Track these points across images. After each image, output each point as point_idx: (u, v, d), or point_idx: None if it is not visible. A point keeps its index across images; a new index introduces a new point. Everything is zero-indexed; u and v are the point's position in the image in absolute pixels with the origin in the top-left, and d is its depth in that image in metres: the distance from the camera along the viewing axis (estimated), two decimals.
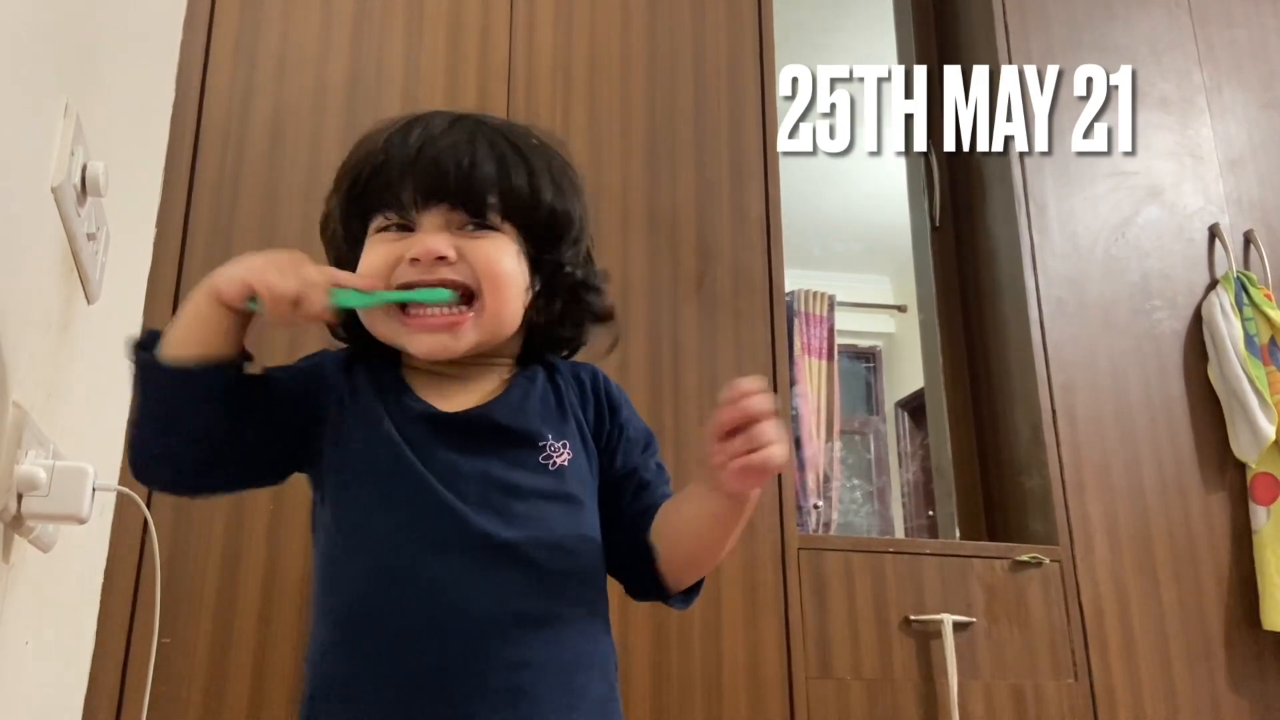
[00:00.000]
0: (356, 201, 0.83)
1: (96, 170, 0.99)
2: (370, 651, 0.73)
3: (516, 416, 0.82)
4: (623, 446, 0.87)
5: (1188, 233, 2.12)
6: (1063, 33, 2.16)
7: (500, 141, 0.82)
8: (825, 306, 3.18)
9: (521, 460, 0.80)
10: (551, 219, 0.83)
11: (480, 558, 0.75)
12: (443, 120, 0.83)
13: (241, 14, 1.66)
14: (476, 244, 0.80)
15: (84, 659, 1.32)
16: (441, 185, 0.79)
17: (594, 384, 0.89)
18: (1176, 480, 1.92)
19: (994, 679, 1.69)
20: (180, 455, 0.77)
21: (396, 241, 0.81)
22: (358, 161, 0.84)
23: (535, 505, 0.78)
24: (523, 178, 0.81)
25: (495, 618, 0.73)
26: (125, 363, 1.42)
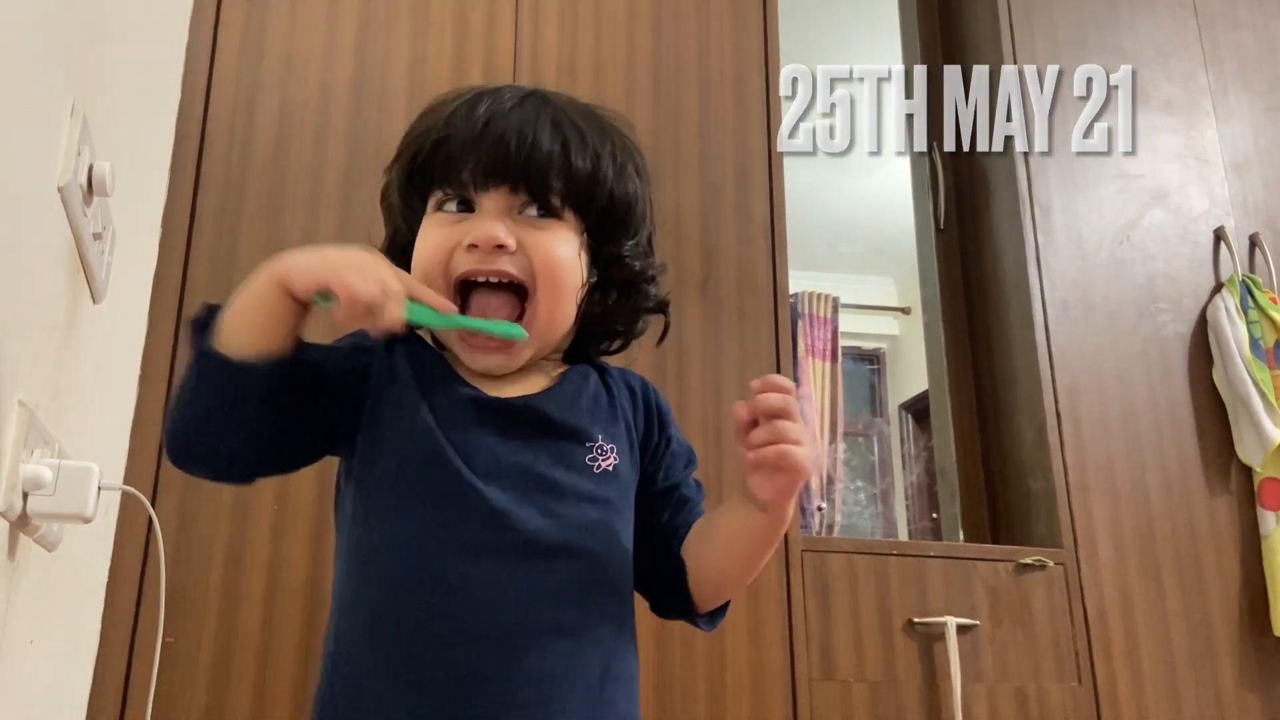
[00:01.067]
0: (417, 175, 0.81)
1: (103, 170, 0.99)
2: (395, 652, 0.70)
3: (568, 411, 0.79)
4: (667, 460, 0.85)
5: (1193, 235, 2.12)
6: (1067, 34, 2.16)
7: (566, 122, 0.79)
8: (829, 308, 3.18)
9: (568, 458, 0.77)
10: (612, 206, 0.81)
11: (515, 559, 0.72)
12: (512, 96, 0.80)
13: (247, 15, 1.67)
14: (537, 235, 0.77)
15: (88, 658, 1.33)
16: (504, 165, 0.77)
17: (645, 393, 0.87)
18: (1181, 483, 1.92)
19: (997, 682, 1.69)
20: (229, 449, 0.74)
21: (455, 225, 0.78)
22: (420, 133, 0.80)
23: (576, 507, 0.76)
24: (587, 161, 0.78)
25: (525, 625, 0.71)
26: (132, 363, 1.42)
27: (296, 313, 0.71)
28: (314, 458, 0.80)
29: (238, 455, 0.74)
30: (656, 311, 0.89)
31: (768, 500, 0.74)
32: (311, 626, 1.40)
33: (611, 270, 0.83)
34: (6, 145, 0.80)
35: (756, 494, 0.74)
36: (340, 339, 0.81)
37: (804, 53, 2.06)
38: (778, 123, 1.88)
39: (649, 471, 0.84)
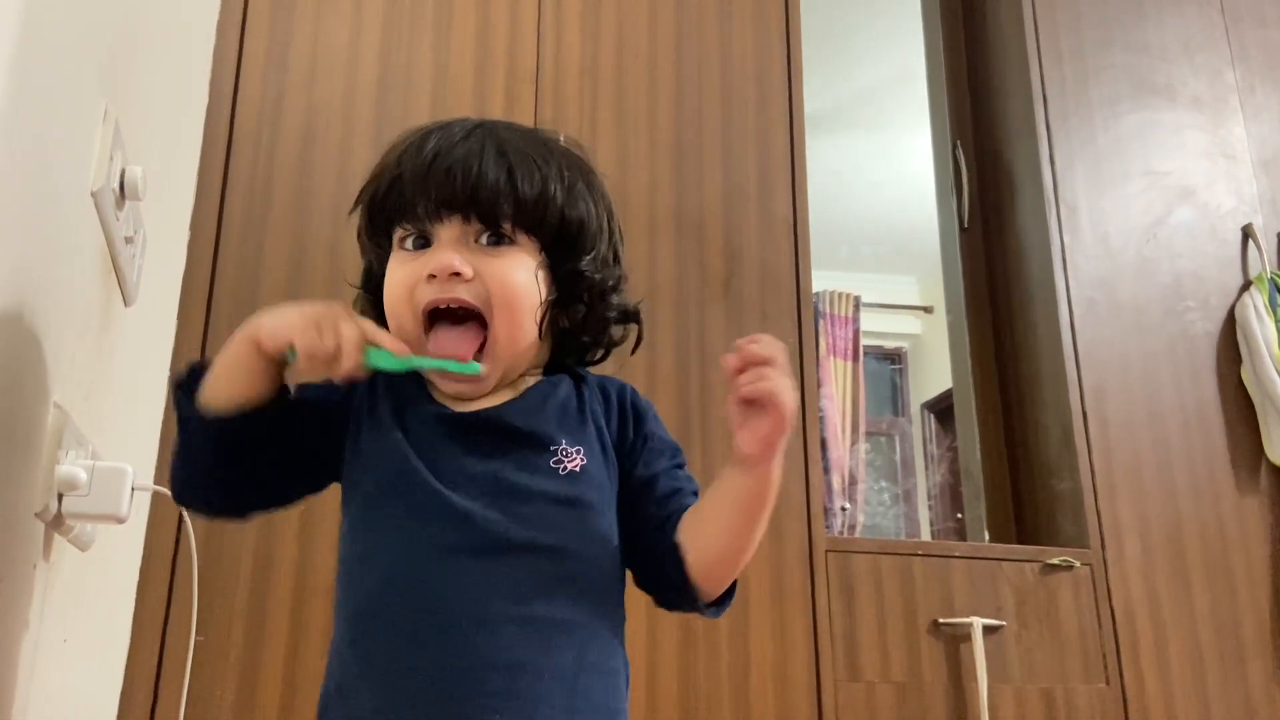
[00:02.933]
0: (377, 214, 0.85)
1: (135, 174, 1.00)
2: (375, 651, 0.74)
3: (529, 419, 0.82)
4: (644, 456, 0.87)
5: (1220, 233, 2.10)
6: (1093, 32, 2.14)
7: (511, 150, 0.82)
8: (851, 307, 3.17)
9: (531, 463, 0.80)
10: (564, 225, 0.83)
11: (484, 559, 0.75)
12: (459, 130, 0.83)
13: (273, 19, 1.68)
14: (492, 262, 0.80)
15: (119, 656, 1.34)
16: (453, 196, 0.80)
17: (620, 396, 0.89)
18: (1209, 483, 1.90)
19: (1024, 683, 1.68)
20: (226, 491, 0.81)
21: (416, 259, 0.81)
22: (377, 174, 0.85)
23: (543, 509, 0.78)
24: (534, 185, 0.81)
25: (490, 618, 0.73)
26: (162, 364, 1.44)
27: (272, 367, 0.78)
28: (309, 490, 0.86)
29: (229, 492, 0.81)
30: (624, 320, 0.91)
31: (754, 453, 0.75)
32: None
33: (572, 285, 0.85)
34: (42, 150, 0.81)
35: (743, 448, 0.76)
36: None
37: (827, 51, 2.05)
38: (800, 122, 1.88)
39: (627, 469, 0.86)
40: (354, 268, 1.63)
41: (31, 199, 0.80)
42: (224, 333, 1.51)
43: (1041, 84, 2.07)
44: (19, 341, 0.79)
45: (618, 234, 0.91)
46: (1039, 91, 2.06)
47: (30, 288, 0.81)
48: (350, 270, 1.60)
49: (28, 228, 0.79)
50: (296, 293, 1.55)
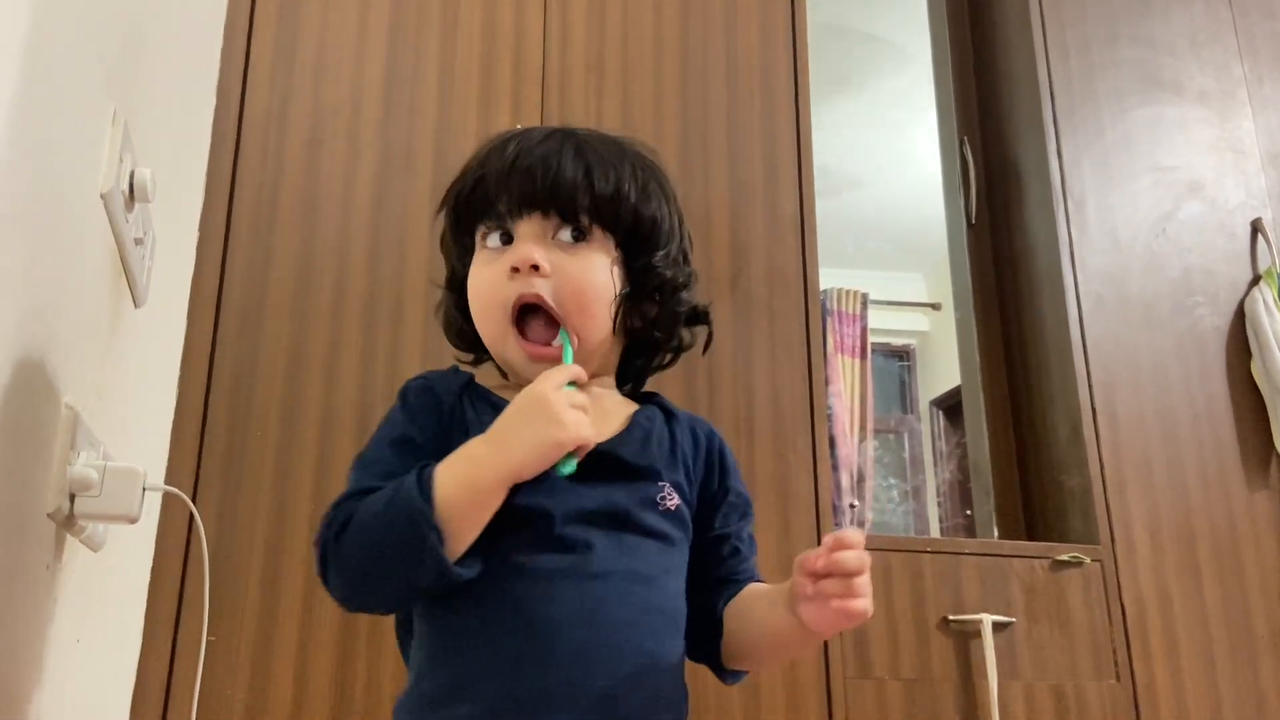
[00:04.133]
0: (463, 213, 0.88)
1: (144, 176, 1.00)
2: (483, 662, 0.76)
3: (640, 454, 0.85)
4: (724, 509, 0.90)
5: (1229, 228, 2.09)
6: (1100, 26, 2.14)
7: (588, 150, 0.86)
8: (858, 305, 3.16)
9: (640, 495, 0.83)
10: (638, 222, 0.87)
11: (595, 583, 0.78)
12: (539, 133, 0.87)
13: (279, 21, 1.69)
14: (569, 260, 0.84)
15: (131, 656, 1.35)
16: (533, 192, 0.83)
17: (709, 440, 0.92)
18: (1219, 478, 1.90)
19: (1034, 679, 1.68)
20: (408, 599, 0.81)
21: (499, 258, 0.84)
22: (461, 176, 0.89)
23: (645, 541, 0.82)
24: (610, 182, 0.85)
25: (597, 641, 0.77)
26: (172, 365, 1.44)
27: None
28: None
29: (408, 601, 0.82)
30: (695, 321, 0.94)
31: (821, 632, 0.79)
32: (350, 626, 1.41)
33: (645, 281, 0.88)
34: (51, 153, 0.82)
35: (809, 624, 0.77)
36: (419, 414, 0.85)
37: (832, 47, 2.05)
38: (806, 118, 1.88)
39: (704, 518, 0.88)
40: (360, 266, 1.63)
41: (41, 201, 0.80)
42: (233, 333, 1.52)
43: (1049, 79, 2.06)
44: (30, 342, 0.80)
45: (687, 237, 0.94)
46: (1046, 86, 2.06)
47: (41, 289, 0.81)
48: (355, 271, 1.61)
49: (38, 230, 0.80)
50: (305, 293, 1.55)
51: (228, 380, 1.48)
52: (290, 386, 1.50)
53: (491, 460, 0.76)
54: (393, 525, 0.74)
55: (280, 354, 1.52)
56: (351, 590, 0.78)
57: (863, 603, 0.74)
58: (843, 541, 0.74)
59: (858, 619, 0.75)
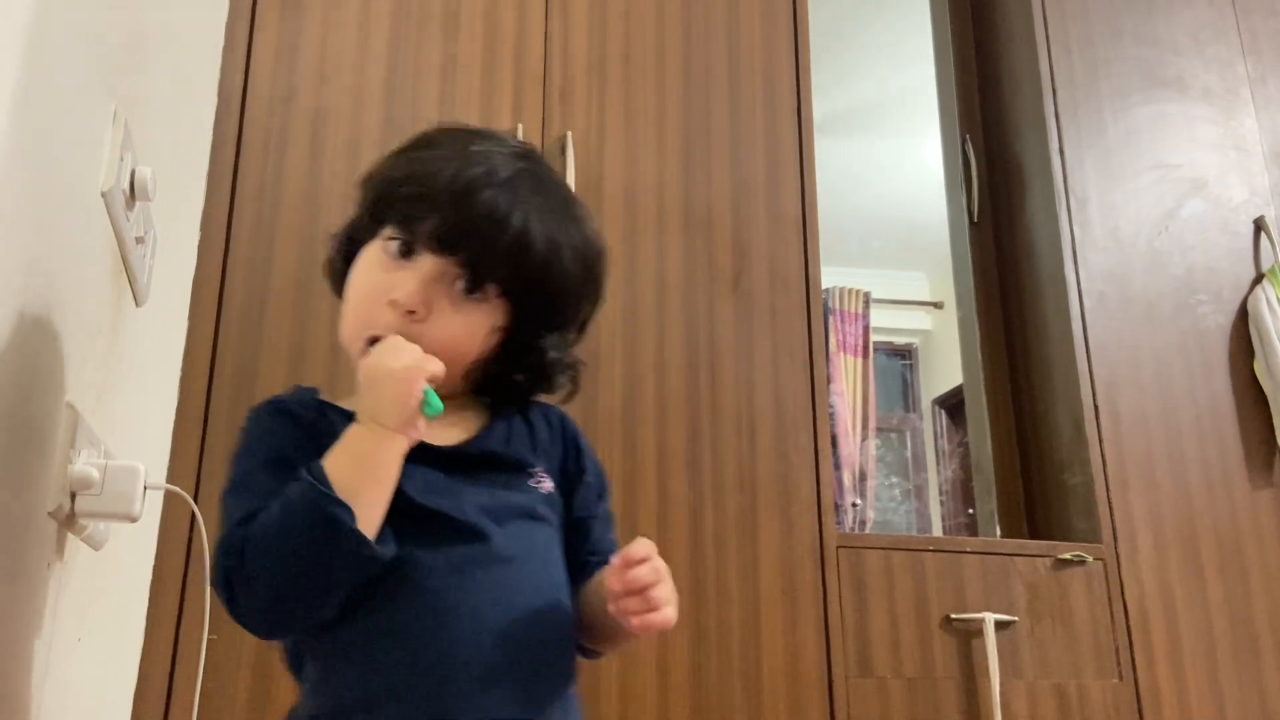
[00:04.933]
0: (385, 205, 0.83)
1: (145, 175, 1.00)
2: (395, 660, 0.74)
3: (507, 446, 0.85)
4: (582, 490, 0.89)
5: (1232, 226, 2.09)
6: (1102, 24, 2.13)
7: (539, 220, 0.80)
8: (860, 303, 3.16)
9: (516, 484, 0.83)
10: (547, 305, 0.83)
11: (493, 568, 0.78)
12: (504, 168, 0.80)
13: (281, 20, 1.69)
14: (451, 317, 0.79)
15: (133, 655, 1.35)
16: (462, 241, 0.78)
17: (562, 424, 0.91)
18: (1222, 477, 1.89)
19: (1037, 678, 1.68)
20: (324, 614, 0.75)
21: (391, 271, 0.80)
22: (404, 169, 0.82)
23: (529, 526, 0.82)
24: (540, 260, 0.80)
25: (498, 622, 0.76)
26: (173, 364, 1.44)
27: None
28: None
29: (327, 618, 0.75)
30: (565, 399, 0.90)
31: (639, 636, 0.79)
32: None
33: (524, 355, 0.84)
34: (52, 151, 0.82)
35: (629, 627, 0.78)
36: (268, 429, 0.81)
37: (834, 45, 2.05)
38: (809, 118, 1.87)
39: (567, 499, 0.88)
40: None
41: (42, 200, 0.80)
42: (234, 332, 1.52)
43: (1051, 77, 2.06)
44: (31, 341, 0.80)
45: (594, 315, 0.90)
46: (1048, 84, 2.06)
47: (42, 288, 0.81)
48: None
49: (39, 228, 0.80)
50: (306, 292, 1.55)
51: (229, 378, 1.48)
52: (291, 385, 1.50)
53: (368, 432, 0.74)
54: (298, 522, 0.71)
55: (281, 352, 1.52)
56: (269, 607, 0.73)
57: (660, 615, 0.75)
58: (630, 559, 0.74)
59: (660, 629, 0.76)
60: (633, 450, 1.63)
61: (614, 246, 1.73)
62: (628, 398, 1.66)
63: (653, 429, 1.65)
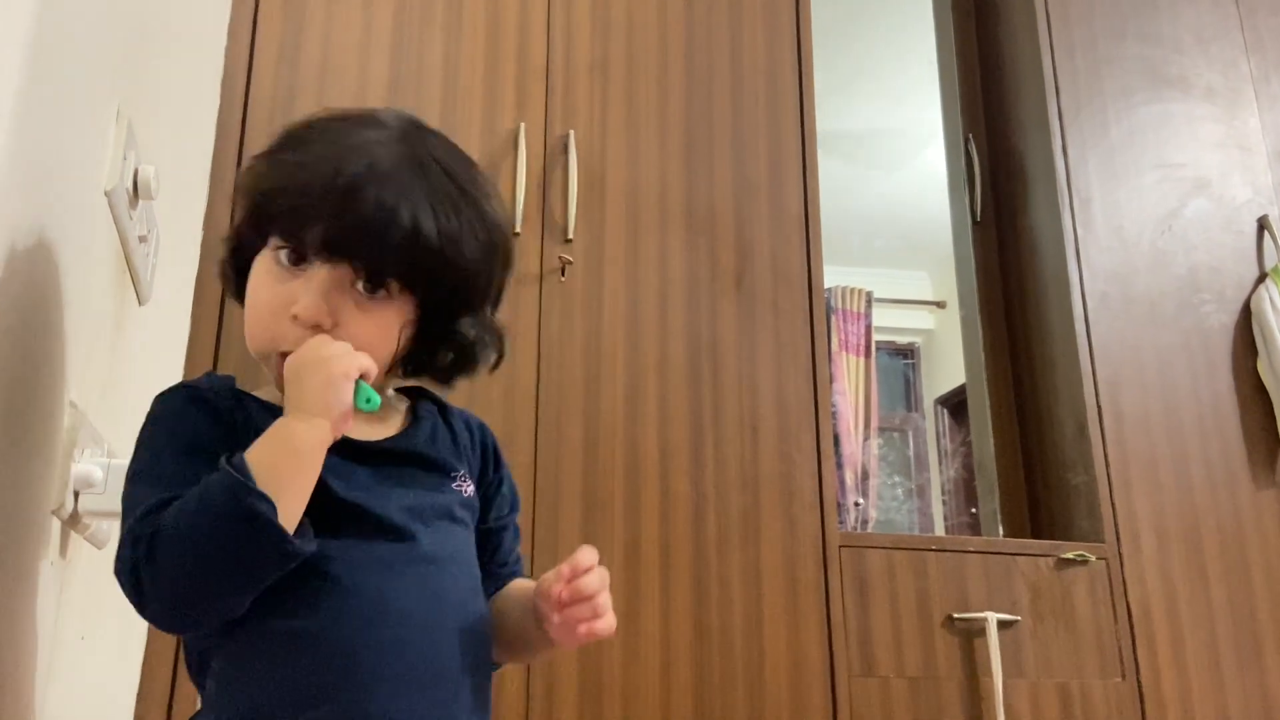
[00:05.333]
0: (265, 214, 0.77)
1: (148, 174, 1.00)
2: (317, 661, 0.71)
3: (431, 447, 0.83)
4: (497, 501, 0.89)
5: (1236, 225, 2.08)
6: (1106, 23, 2.13)
7: (433, 198, 0.76)
8: (863, 303, 3.16)
9: (438, 485, 0.82)
10: (455, 287, 0.79)
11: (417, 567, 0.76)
12: (385, 158, 0.76)
13: (284, 19, 1.69)
14: (359, 318, 0.76)
15: (136, 653, 1.35)
16: (352, 246, 0.74)
17: (483, 435, 0.90)
18: (1226, 477, 1.89)
19: (1040, 678, 1.68)
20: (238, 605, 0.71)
21: (286, 281, 0.76)
22: (279, 177, 0.76)
23: (450, 528, 0.81)
24: (438, 246, 0.75)
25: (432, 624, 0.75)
26: (176, 362, 1.44)
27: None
28: None
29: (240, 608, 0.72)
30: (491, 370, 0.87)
31: (567, 647, 0.80)
32: None
33: (441, 340, 0.82)
34: (56, 150, 0.82)
35: (557, 642, 0.79)
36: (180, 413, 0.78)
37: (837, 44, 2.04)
38: (811, 117, 1.87)
39: (480, 510, 0.87)
40: None
41: (46, 198, 0.80)
42: (238, 331, 1.51)
43: (1054, 76, 2.06)
44: (34, 340, 0.80)
45: (508, 283, 0.86)
46: (1051, 83, 2.05)
47: (45, 287, 0.81)
48: None
49: (42, 227, 0.80)
50: None
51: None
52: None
53: (297, 425, 0.71)
54: (215, 514, 0.67)
55: None
56: (180, 601, 0.68)
57: (605, 622, 0.76)
58: (578, 567, 0.75)
59: (603, 636, 0.76)
60: (635, 449, 1.63)
61: (616, 245, 1.73)
62: (630, 396, 1.65)
63: (655, 428, 1.65)
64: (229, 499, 0.66)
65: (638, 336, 1.69)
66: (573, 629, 0.75)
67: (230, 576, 0.68)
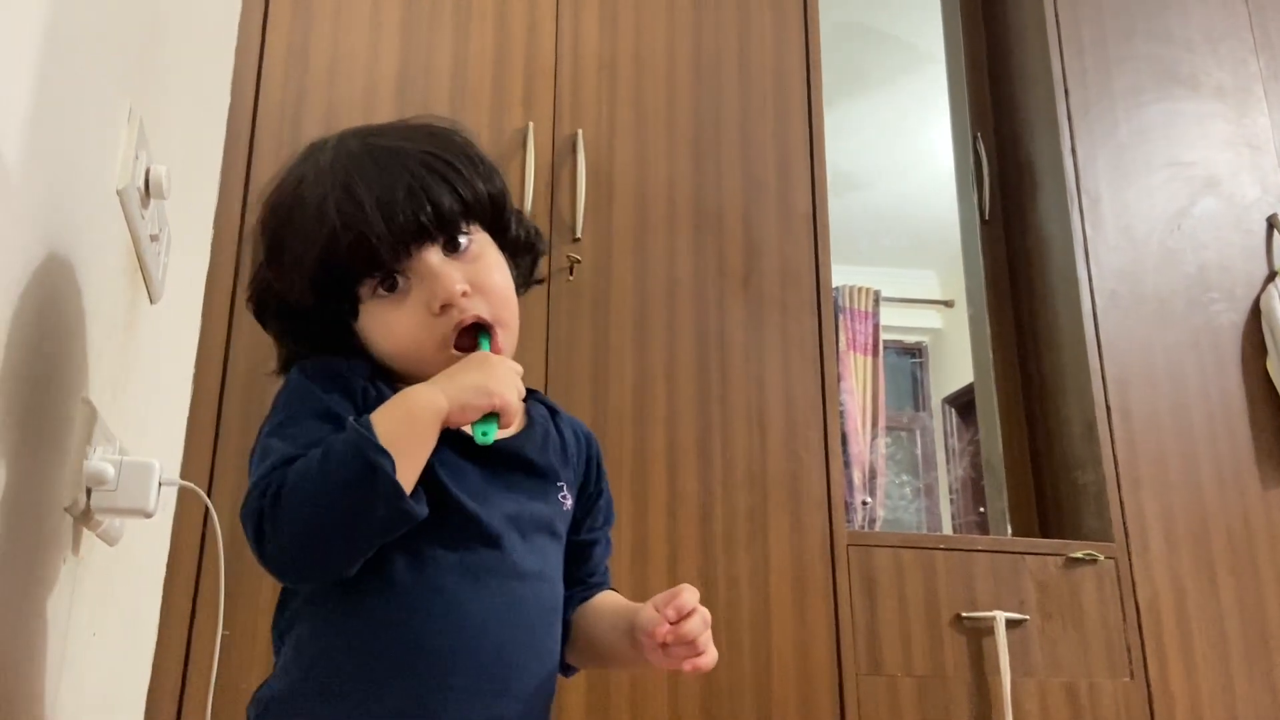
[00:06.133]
0: (330, 281, 0.81)
1: (159, 173, 1.01)
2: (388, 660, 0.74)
3: (542, 453, 0.85)
4: (595, 512, 0.91)
5: (1245, 224, 2.08)
6: (1115, 21, 2.13)
7: (432, 162, 0.82)
8: (870, 302, 3.16)
9: (543, 495, 0.84)
10: (495, 205, 0.86)
11: (509, 582, 0.78)
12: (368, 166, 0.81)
13: (293, 19, 1.69)
14: (476, 271, 0.82)
15: (147, 650, 1.36)
16: (419, 232, 0.80)
17: (588, 442, 0.93)
18: (1235, 476, 1.89)
19: (1048, 677, 1.68)
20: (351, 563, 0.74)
21: (404, 300, 0.80)
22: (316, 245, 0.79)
23: (547, 539, 0.83)
24: (473, 190, 0.83)
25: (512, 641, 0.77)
26: (186, 360, 1.45)
27: None
28: None
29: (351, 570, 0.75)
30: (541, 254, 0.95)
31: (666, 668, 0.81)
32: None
33: (515, 248, 0.89)
34: (68, 150, 0.82)
35: (656, 666, 0.80)
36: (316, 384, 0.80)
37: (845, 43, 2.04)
38: (819, 116, 1.87)
39: (578, 519, 0.90)
40: None
41: (58, 198, 0.81)
42: (248, 329, 1.52)
43: (1063, 74, 2.06)
44: (49, 338, 0.81)
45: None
46: (1060, 82, 2.05)
47: (58, 285, 0.82)
48: None
49: (55, 226, 0.80)
50: None
51: (242, 375, 1.49)
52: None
53: (424, 395, 0.75)
54: (338, 467, 0.70)
55: None
56: (298, 551, 0.72)
57: (707, 659, 0.78)
58: (682, 610, 0.76)
59: (705, 670, 0.78)
60: (643, 447, 1.63)
61: (624, 244, 1.73)
62: (638, 395, 1.66)
63: (663, 426, 1.65)
64: (352, 453, 0.70)
65: (646, 335, 1.69)
66: (674, 660, 0.78)
67: (347, 529, 0.71)
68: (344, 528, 0.71)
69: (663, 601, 0.77)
